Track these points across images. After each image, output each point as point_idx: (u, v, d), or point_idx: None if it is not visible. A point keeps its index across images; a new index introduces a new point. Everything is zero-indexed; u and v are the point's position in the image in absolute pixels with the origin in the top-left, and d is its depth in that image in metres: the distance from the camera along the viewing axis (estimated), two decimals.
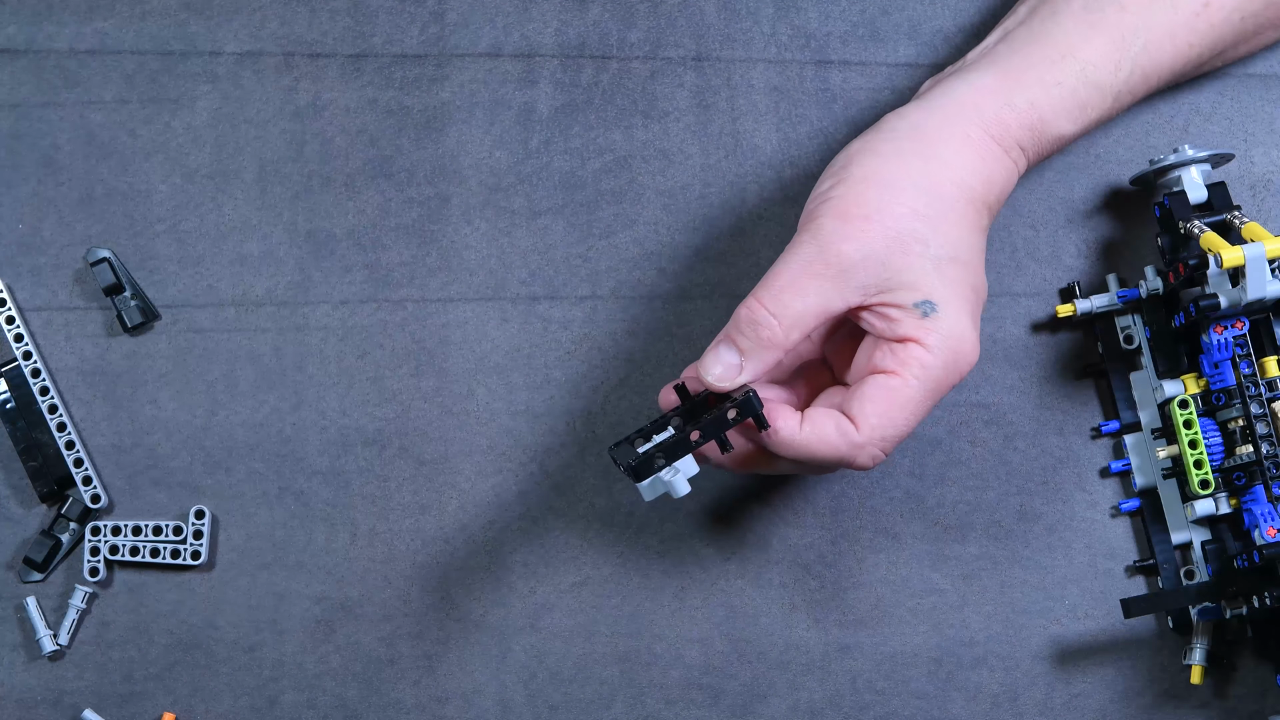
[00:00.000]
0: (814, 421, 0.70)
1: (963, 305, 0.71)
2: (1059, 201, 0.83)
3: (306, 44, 0.84)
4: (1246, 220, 0.77)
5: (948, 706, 0.80)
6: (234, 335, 0.82)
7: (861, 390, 0.70)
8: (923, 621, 0.81)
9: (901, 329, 0.70)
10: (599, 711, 0.80)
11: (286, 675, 0.81)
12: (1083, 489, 0.81)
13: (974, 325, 0.71)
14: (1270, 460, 0.77)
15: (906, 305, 0.70)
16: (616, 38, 0.84)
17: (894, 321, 0.70)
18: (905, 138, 0.73)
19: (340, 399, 0.82)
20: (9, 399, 0.82)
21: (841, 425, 0.70)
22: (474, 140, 0.83)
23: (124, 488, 0.81)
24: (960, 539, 0.81)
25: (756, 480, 0.81)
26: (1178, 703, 0.80)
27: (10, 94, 0.83)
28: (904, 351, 0.70)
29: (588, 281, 0.82)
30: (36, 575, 0.81)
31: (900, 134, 0.73)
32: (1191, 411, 0.77)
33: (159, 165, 0.83)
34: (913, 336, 0.70)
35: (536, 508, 0.81)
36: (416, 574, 0.81)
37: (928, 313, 0.70)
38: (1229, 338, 0.77)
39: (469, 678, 0.80)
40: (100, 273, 0.82)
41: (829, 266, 0.70)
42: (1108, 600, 0.81)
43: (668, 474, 0.69)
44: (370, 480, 0.81)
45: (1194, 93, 0.84)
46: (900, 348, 0.70)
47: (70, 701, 0.80)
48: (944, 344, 0.70)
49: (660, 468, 0.69)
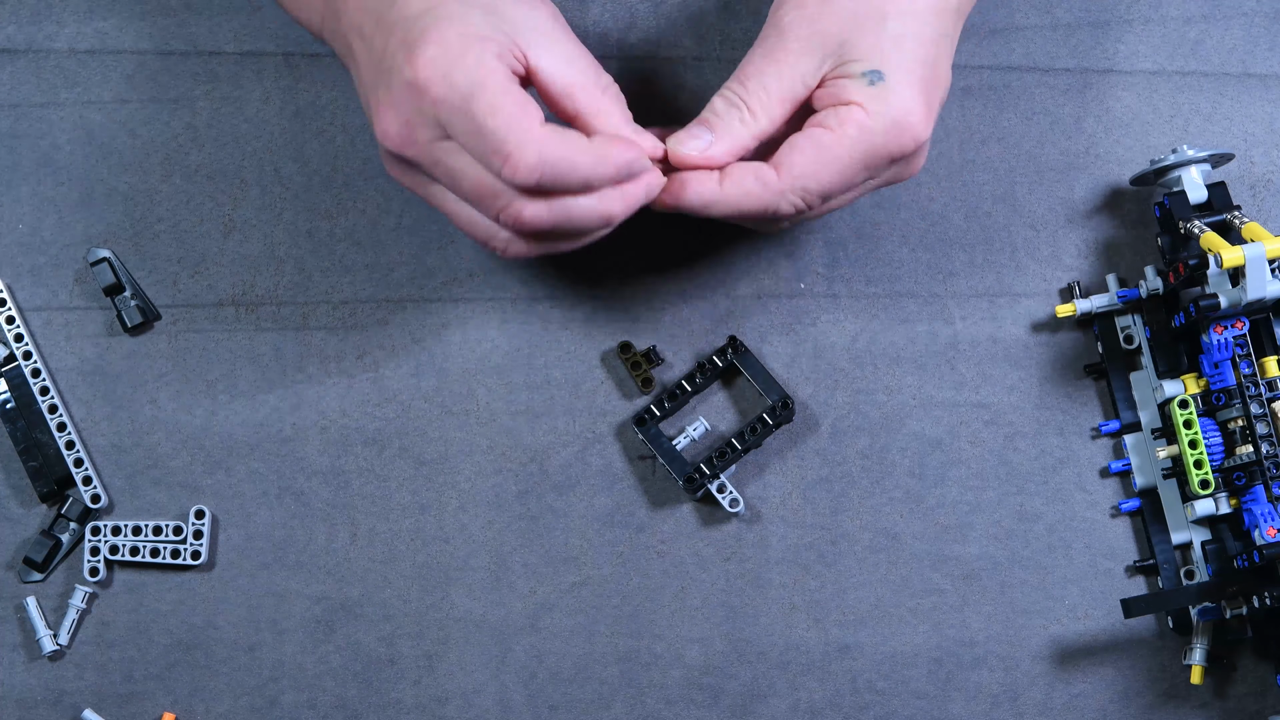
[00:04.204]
0: (732, 176, 0.71)
1: (913, 81, 0.71)
2: (1059, 201, 0.83)
3: (306, 44, 0.84)
4: (1246, 220, 0.77)
5: (948, 706, 0.80)
6: (234, 335, 0.82)
7: (793, 140, 0.71)
8: (923, 621, 0.81)
9: (846, 94, 0.71)
10: (599, 711, 0.80)
11: (286, 675, 0.81)
12: (1083, 489, 0.81)
13: (925, 103, 0.71)
14: (1270, 460, 0.77)
15: (855, 75, 0.71)
16: (616, 38, 0.84)
17: (841, 89, 0.71)
18: None
19: (340, 399, 0.82)
20: (9, 399, 0.82)
21: (762, 174, 0.71)
22: None
23: (124, 488, 0.81)
24: (960, 539, 0.81)
25: (757, 480, 0.81)
26: (1178, 703, 0.80)
27: (10, 94, 0.83)
28: (845, 113, 0.71)
29: (588, 281, 0.82)
30: (36, 575, 0.81)
31: None
32: (1191, 411, 0.77)
33: (159, 165, 0.83)
34: (855, 100, 0.71)
35: (536, 508, 0.81)
36: (416, 574, 0.81)
37: (874, 81, 0.70)
38: (1229, 338, 0.77)
39: (469, 678, 0.80)
40: (100, 273, 0.82)
41: (788, 53, 0.71)
42: (1108, 600, 0.81)
43: (725, 498, 0.80)
44: (370, 480, 0.81)
45: (1194, 93, 0.84)
46: (843, 110, 0.71)
47: (70, 701, 0.80)
48: (886, 111, 0.70)
49: (707, 481, 0.80)
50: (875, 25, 0.71)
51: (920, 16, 0.72)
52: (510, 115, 0.67)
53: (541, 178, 0.67)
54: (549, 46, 0.70)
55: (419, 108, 0.68)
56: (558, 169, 0.68)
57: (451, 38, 0.67)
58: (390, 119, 0.69)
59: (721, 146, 0.71)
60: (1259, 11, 0.84)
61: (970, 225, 0.82)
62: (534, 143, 0.67)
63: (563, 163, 0.68)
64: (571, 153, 0.68)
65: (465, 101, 0.67)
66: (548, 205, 0.69)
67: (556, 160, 0.67)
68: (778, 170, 0.71)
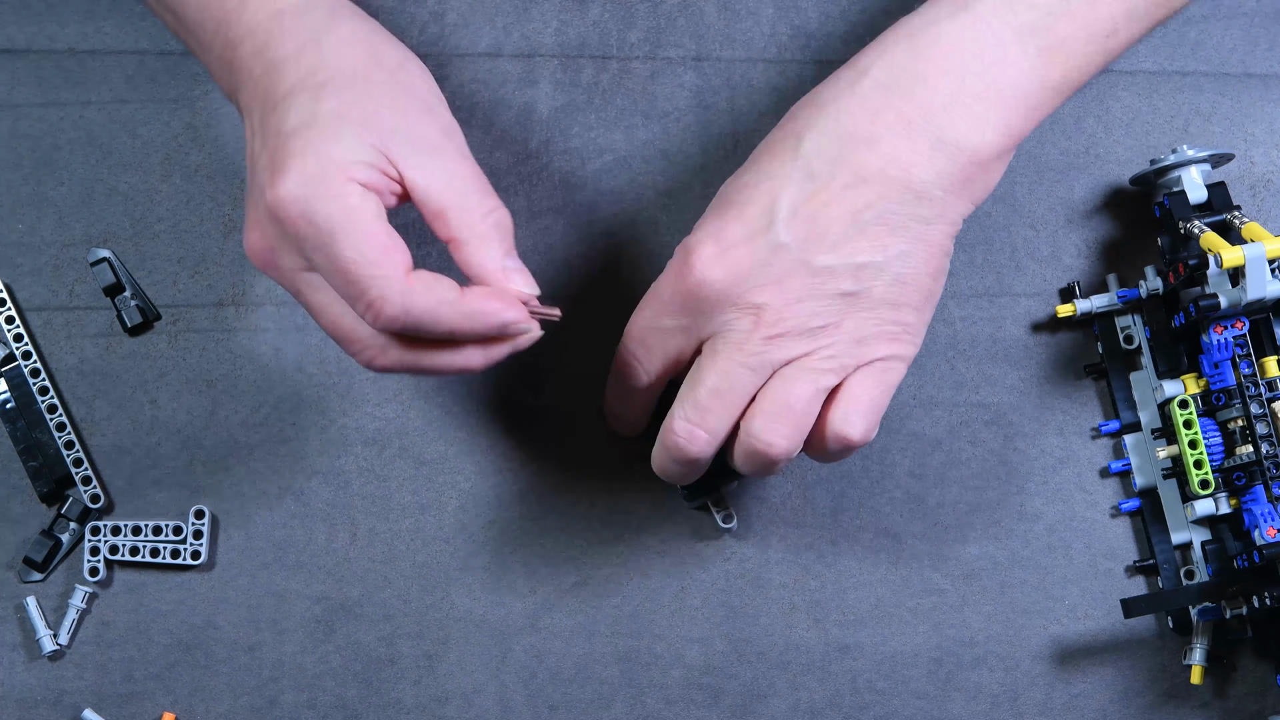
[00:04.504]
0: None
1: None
2: (1059, 201, 0.83)
3: None
4: (1246, 220, 0.77)
5: (948, 706, 0.80)
6: (234, 335, 0.82)
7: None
8: (923, 621, 0.81)
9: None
10: (599, 711, 0.80)
11: (286, 675, 0.81)
12: (1083, 489, 0.81)
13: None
14: (1270, 460, 0.77)
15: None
16: (616, 38, 0.84)
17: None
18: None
19: (340, 399, 0.82)
20: (9, 399, 0.82)
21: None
22: (474, 140, 0.83)
23: (124, 488, 0.81)
24: (960, 539, 0.81)
25: (757, 480, 0.81)
26: (1178, 703, 0.80)
27: (10, 94, 0.83)
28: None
29: (588, 281, 0.82)
30: (36, 575, 0.81)
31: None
32: (1191, 411, 0.77)
33: (159, 165, 0.83)
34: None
35: (536, 508, 0.81)
36: (416, 574, 0.81)
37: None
38: (1229, 338, 0.77)
39: (469, 678, 0.80)
40: (100, 273, 0.82)
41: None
42: (1108, 600, 0.81)
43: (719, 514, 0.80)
44: (370, 480, 0.81)
45: (1194, 93, 0.84)
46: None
47: (70, 701, 0.80)
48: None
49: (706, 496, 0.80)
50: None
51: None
52: (372, 262, 0.64)
53: (404, 329, 0.65)
54: (426, 163, 0.66)
55: (282, 235, 0.65)
56: (421, 322, 0.65)
57: (313, 169, 0.64)
58: (256, 238, 0.67)
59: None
60: (1259, 11, 0.84)
61: (970, 225, 0.82)
62: (398, 294, 0.64)
63: (427, 316, 0.65)
64: (437, 306, 0.65)
65: (326, 241, 0.64)
66: (409, 352, 0.67)
67: (421, 314, 0.65)
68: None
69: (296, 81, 0.67)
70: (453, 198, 0.67)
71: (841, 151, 0.69)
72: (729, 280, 0.69)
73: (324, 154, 0.65)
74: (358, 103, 0.66)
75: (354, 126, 0.65)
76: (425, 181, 0.66)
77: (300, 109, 0.66)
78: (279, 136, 0.66)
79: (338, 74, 0.67)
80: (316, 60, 0.67)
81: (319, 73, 0.67)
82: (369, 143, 0.65)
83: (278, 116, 0.66)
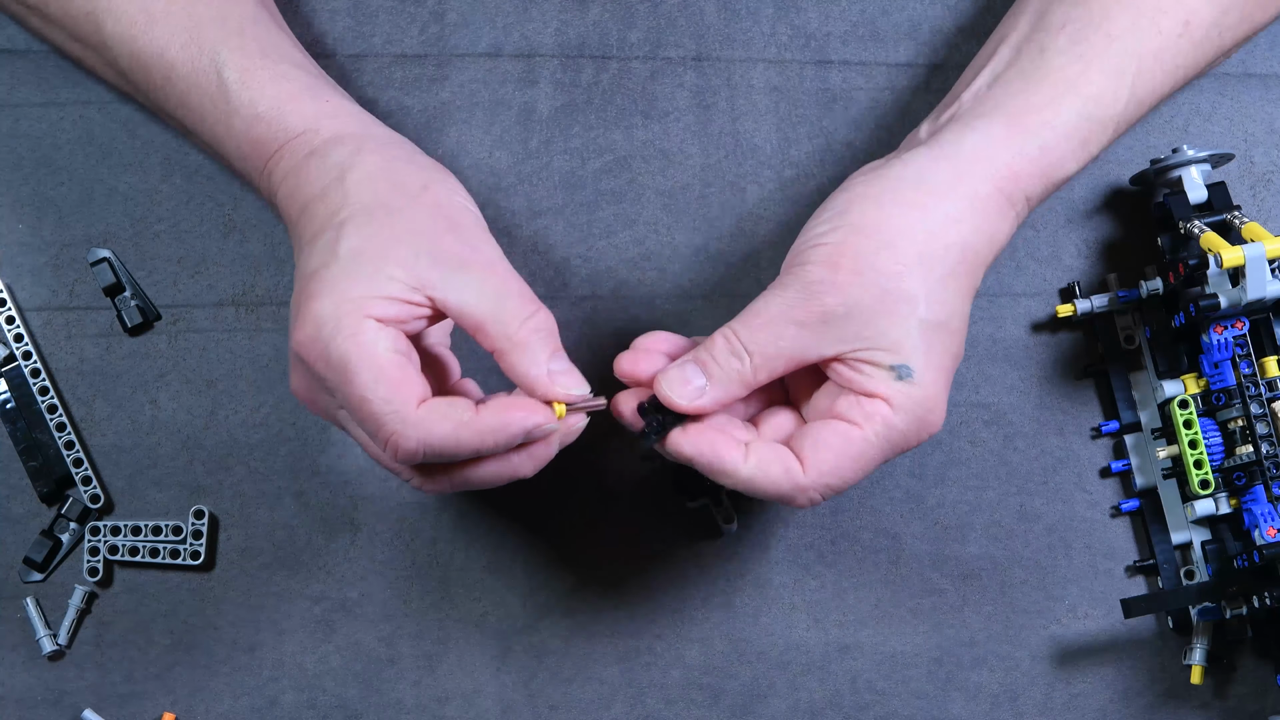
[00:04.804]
0: (761, 457, 0.68)
1: (939, 374, 0.68)
2: (1059, 201, 0.83)
3: (306, 44, 0.83)
4: (1246, 220, 0.77)
5: (948, 706, 0.80)
6: (234, 335, 0.82)
7: (817, 433, 0.68)
8: (923, 621, 0.81)
9: (872, 385, 0.68)
10: (599, 711, 0.80)
11: (286, 675, 0.81)
12: (1083, 489, 0.81)
13: (945, 392, 0.69)
14: (1270, 460, 0.77)
15: (883, 365, 0.68)
16: (616, 38, 0.84)
17: (867, 377, 0.68)
18: (910, 188, 0.70)
19: None
20: (9, 399, 0.82)
21: (790, 466, 0.67)
22: (474, 140, 0.83)
23: (124, 488, 0.81)
24: (960, 539, 0.81)
25: None
26: (1178, 703, 0.80)
27: (10, 94, 0.83)
28: (870, 406, 0.68)
29: (588, 281, 0.82)
30: (36, 575, 0.81)
31: (905, 184, 0.70)
32: (1191, 411, 0.77)
33: (159, 165, 0.83)
34: (883, 395, 0.68)
35: (536, 508, 0.81)
36: (416, 574, 0.81)
37: (903, 376, 0.68)
38: (1229, 338, 0.77)
39: (469, 678, 0.80)
40: (100, 273, 0.82)
41: (811, 315, 0.68)
42: (1108, 600, 0.81)
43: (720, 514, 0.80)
44: (370, 480, 0.81)
45: (1194, 93, 0.84)
46: (868, 401, 0.68)
47: (70, 701, 0.80)
48: (913, 410, 0.68)
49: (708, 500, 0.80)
50: (907, 311, 0.68)
51: (954, 306, 0.69)
52: (385, 399, 0.64)
53: (425, 459, 0.65)
54: (455, 280, 0.67)
55: (312, 375, 0.67)
56: (443, 449, 0.65)
57: (328, 310, 0.65)
58: (297, 377, 0.69)
59: (713, 396, 0.68)
60: None
61: None
62: (413, 426, 0.64)
63: (447, 442, 0.65)
64: (455, 430, 0.65)
65: (341, 381, 0.65)
66: (456, 474, 0.67)
67: (438, 442, 0.65)
68: (803, 464, 0.67)
69: (322, 222, 0.68)
70: (487, 310, 0.67)
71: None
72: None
73: (340, 293, 0.66)
74: (377, 235, 0.67)
75: (372, 261, 0.66)
76: (457, 299, 0.67)
77: (321, 251, 0.67)
78: (302, 279, 0.67)
79: (359, 210, 0.68)
80: (340, 199, 0.69)
81: (341, 211, 0.68)
82: (388, 274, 0.66)
83: (304, 259, 0.68)
